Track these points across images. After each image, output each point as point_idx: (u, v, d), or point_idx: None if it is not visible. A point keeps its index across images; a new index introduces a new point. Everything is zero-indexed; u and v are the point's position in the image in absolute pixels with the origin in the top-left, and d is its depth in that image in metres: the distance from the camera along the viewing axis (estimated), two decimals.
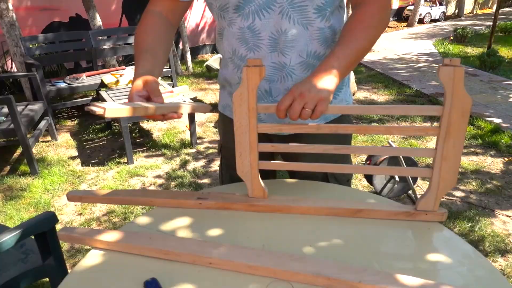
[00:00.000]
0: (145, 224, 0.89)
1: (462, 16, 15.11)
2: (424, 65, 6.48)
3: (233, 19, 0.93)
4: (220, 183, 1.28)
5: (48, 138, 3.62)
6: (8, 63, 5.25)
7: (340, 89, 1.06)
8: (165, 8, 1.00)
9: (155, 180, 2.83)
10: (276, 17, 0.89)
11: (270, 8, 0.89)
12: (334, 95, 1.05)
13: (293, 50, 0.92)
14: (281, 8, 0.88)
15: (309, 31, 0.91)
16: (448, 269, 0.73)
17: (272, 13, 0.89)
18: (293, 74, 0.95)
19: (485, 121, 3.72)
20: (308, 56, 0.93)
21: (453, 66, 0.73)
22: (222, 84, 1.11)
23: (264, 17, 0.90)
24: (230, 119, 1.10)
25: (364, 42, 0.86)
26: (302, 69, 0.95)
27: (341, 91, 1.07)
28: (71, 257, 1.99)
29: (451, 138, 0.78)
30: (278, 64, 0.94)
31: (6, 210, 2.44)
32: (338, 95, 1.05)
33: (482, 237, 2.07)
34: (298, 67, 0.94)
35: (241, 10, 0.91)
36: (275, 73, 0.96)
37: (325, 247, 0.79)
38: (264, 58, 0.94)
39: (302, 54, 0.93)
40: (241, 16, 0.91)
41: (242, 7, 0.90)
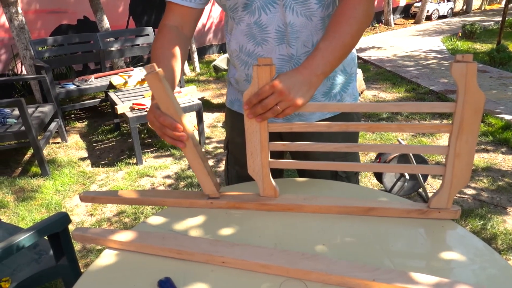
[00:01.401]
0: (158, 224, 0.90)
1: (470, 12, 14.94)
2: (432, 62, 6.43)
3: (241, 17, 0.97)
4: (225, 179, 1.29)
5: (58, 139, 3.66)
6: (18, 66, 5.31)
7: (349, 84, 1.09)
8: (178, 21, 1.01)
9: (164, 181, 2.84)
10: (281, 10, 0.92)
11: (275, 2, 0.92)
12: (344, 88, 1.08)
13: (298, 41, 0.95)
14: (284, 2, 0.91)
15: (312, 21, 0.94)
16: (462, 267, 0.72)
17: (277, 7, 0.92)
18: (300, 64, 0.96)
19: (495, 118, 3.68)
20: (314, 46, 0.96)
21: (465, 62, 0.72)
22: (229, 80, 1.13)
23: (270, 11, 0.93)
24: (237, 114, 1.12)
25: (347, 38, 0.85)
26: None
27: (349, 86, 1.09)
28: (83, 258, 2.01)
29: (464, 134, 0.77)
30: (286, 55, 0.97)
31: (18, 211, 2.47)
32: (347, 89, 1.08)
33: (494, 235, 2.05)
34: (304, 57, 0.97)
35: (249, 8, 0.94)
36: (284, 65, 0.99)
37: (337, 246, 0.79)
38: (272, 51, 0.97)
39: (307, 45, 0.96)
40: (249, 13, 0.95)
41: (250, 4, 0.94)
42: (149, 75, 0.80)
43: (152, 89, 0.81)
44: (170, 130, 0.83)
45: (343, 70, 1.06)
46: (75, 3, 5.78)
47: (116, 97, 3.39)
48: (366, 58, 6.95)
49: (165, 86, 0.81)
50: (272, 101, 0.77)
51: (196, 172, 0.91)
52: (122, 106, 3.05)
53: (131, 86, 3.89)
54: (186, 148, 0.87)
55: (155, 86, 0.81)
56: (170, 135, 0.84)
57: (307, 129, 0.87)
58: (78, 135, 3.82)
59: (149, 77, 0.80)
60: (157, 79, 0.80)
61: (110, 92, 3.61)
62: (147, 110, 2.97)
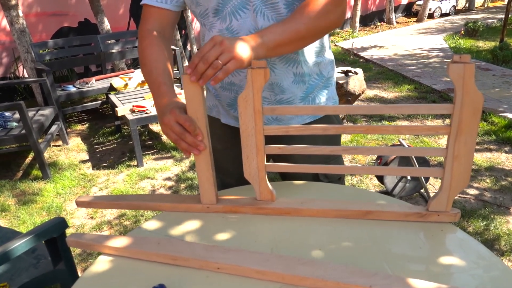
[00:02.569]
0: (153, 229, 0.89)
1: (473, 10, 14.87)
2: (435, 61, 6.39)
3: (212, 23, 0.96)
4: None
5: (59, 142, 3.66)
6: (20, 69, 5.33)
7: (327, 87, 1.08)
8: (159, 25, 1.01)
9: (165, 183, 2.83)
10: (251, 15, 0.91)
11: (245, 7, 0.91)
12: (321, 92, 1.07)
13: None
14: (254, 7, 0.90)
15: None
16: (462, 272, 0.71)
17: (247, 12, 0.91)
18: (274, 68, 0.97)
19: (498, 117, 3.65)
20: None
21: (463, 63, 0.71)
22: (207, 87, 1.12)
23: (240, 17, 0.92)
24: (215, 119, 1.13)
25: (301, 26, 0.84)
26: (283, 63, 0.97)
27: (328, 89, 1.09)
28: (83, 261, 2.00)
29: (462, 136, 0.76)
30: None
31: (19, 215, 2.47)
32: (325, 93, 1.08)
33: (497, 236, 2.03)
34: (278, 61, 0.97)
35: (220, 14, 0.94)
36: None
37: (334, 250, 0.78)
38: None
39: None
40: (220, 19, 0.95)
41: (220, 10, 0.93)
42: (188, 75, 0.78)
43: (186, 90, 0.80)
44: (190, 135, 0.82)
45: (319, 74, 1.05)
46: (76, 6, 5.80)
47: (117, 99, 3.39)
48: (367, 57, 6.92)
49: (201, 90, 0.80)
50: (213, 52, 0.74)
51: (201, 179, 0.90)
52: (122, 108, 3.05)
53: (132, 88, 3.89)
54: (201, 156, 0.86)
55: (191, 87, 0.79)
56: (189, 141, 0.82)
57: (303, 132, 0.86)
58: (79, 138, 3.83)
59: (187, 77, 0.78)
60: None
61: (110, 94, 3.61)
62: (147, 112, 2.98)
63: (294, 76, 1.00)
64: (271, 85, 1.00)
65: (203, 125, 0.84)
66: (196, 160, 0.88)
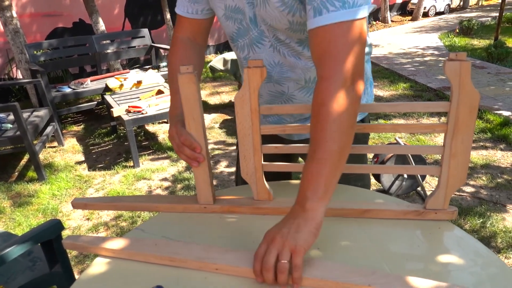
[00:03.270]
0: (150, 230, 0.88)
1: (468, 8, 14.93)
2: (430, 59, 6.41)
3: (233, 47, 0.99)
4: (235, 179, 1.27)
5: (55, 143, 3.64)
6: (14, 70, 5.29)
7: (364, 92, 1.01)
8: (190, 31, 1.01)
9: (162, 183, 2.82)
10: (268, 50, 0.91)
11: (260, 43, 0.91)
12: None
13: (289, 80, 0.94)
14: (270, 43, 0.90)
15: (302, 60, 0.90)
16: (460, 270, 0.71)
17: (263, 48, 0.91)
18: (293, 98, 0.96)
19: (494, 114, 3.67)
20: (307, 82, 0.94)
21: (459, 60, 0.71)
22: None
23: (256, 50, 0.92)
24: None
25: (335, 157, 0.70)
26: (303, 94, 0.96)
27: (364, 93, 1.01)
28: (80, 263, 1.99)
29: (459, 134, 0.76)
30: (276, 92, 0.97)
31: (15, 217, 2.45)
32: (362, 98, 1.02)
33: (494, 233, 2.03)
34: (298, 92, 0.95)
35: (235, 42, 0.96)
36: (275, 99, 0.98)
37: (332, 249, 0.78)
38: (262, 87, 0.96)
39: (300, 82, 0.94)
40: (237, 47, 0.96)
41: (235, 39, 0.95)
42: (184, 75, 0.78)
43: (182, 90, 0.80)
44: (188, 149, 0.85)
45: None
46: (70, 6, 5.76)
47: (112, 100, 3.37)
48: None
49: (197, 90, 0.80)
50: (269, 256, 0.66)
51: (198, 180, 0.90)
52: (118, 109, 3.03)
53: (127, 89, 3.87)
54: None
55: (187, 87, 0.79)
56: (188, 154, 0.85)
57: (300, 131, 0.85)
58: (74, 139, 3.81)
59: (184, 77, 0.78)
60: (192, 81, 0.78)
61: (106, 95, 3.60)
62: (143, 113, 2.97)
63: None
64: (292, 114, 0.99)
65: (199, 125, 0.83)
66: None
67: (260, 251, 0.68)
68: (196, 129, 0.84)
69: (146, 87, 3.79)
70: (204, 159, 0.86)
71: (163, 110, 3.07)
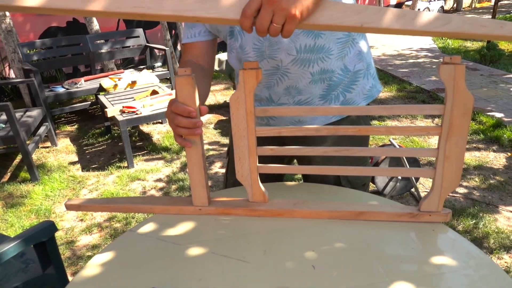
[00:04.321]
0: (145, 231, 0.88)
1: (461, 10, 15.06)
2: (423, 61, 6.46)
3: (231, 44, 1.01)
4: (224, 187, 1.27)
5: (48, 144, 3.61)
6: (6, 70, 5.24)
7: (354, 82, 1.00)
8: (192, 55, 1.04)
9: (156, 184, 2.81)
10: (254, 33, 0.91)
11: None
12: (347, 89, 1.00)
13: (280, 51, 0.93)
14: None
15: None
16: (454, 272, 0.71)
17: None
18: (288, 73, 0.96)
19: (486, 116, 3.70)
20: (299, 52, 0.93)
21: (453, 64, 0.71)
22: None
23: (244, 34, 0.95)
24: None
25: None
26: (297, 66, 0.95)
27: (356, 84, 1.00)
28: (73, 264, 1.98)
29: (453, 137, 0.76)
30: (271, 69, 0.96)
31: (7, 218, 2.43)
32: (353, 88, 1.01)
33: (486, 234, 2.05)
34: (291, 65, 0.95)
35: (233, 34, 0.99)
36: (272, 78, 0.98)
37: (327, 251, 0.78)
38: None
39: (291, 52, 0.93)
40: (233, 38, 0.99)
41: (232, 31, 0.98)
42: (182, 77, 0.77)
43: (179, 91, 0.78)
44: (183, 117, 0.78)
45: (344, 69, 0.98)
46: None
47: (106, 100, 3.35)
48: None
49: (195, 93, 0.79)
50: (264, 15, 0.61)
51: (193, 181, 0.89)
52: (112, 109, 3.02)
53: (122, 89, 3.85)
54: (193, 158, 0.86)
55: (185, 90, 0.78)
56: (185, 123, 0.78)
57: (296, 133, 0.86)
58: (68, 139, 3.78)
59: (181, 79, 0.77)
60: (189, 83, 0.78)
61: (100, 95, 3.57)
62: (138, 113, 2.95)
63: (311, 76, 0.96)
64: (287, 89, 0.99)
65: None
66: (188, 162, 0.88)
67: (252, 6, 0.61)
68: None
69: (141, 87, 3.78)
70: (202, 123, 0.81)
71: (157, 110, 3.06)
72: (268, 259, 0.77)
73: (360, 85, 1.02)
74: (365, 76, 1.02)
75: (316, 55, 0.94)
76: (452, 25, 0.64)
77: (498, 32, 0.64)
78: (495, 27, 0.64)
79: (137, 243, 0.84)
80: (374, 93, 1.05)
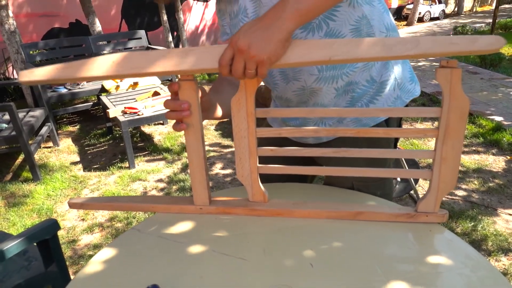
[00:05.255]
0: (146, 230, 0.90)
1: (462, 14, 15.09)
2: (424, 64, 6.48)
3: None
4: None
5: (50, 144, 3.63)
6: (9, 70, 5.27)
7: (379, 93, 0.96)
8: None
9: (157, 184, 2.83)
10: None
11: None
12: (372, 99, 0.96)
13: (302, 72, 0.93)
14: None
15: None
16: (450, 271, 0.73)
17: None
18: (314, 91, 0.95)
19: (486, 119, 3.71)
20: (320, 70, 0.92)
21: (450, 67, 0.73)
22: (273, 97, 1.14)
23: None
24: None
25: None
26: (322, 84, 0.94)
27: (381, 95, 0.96)
28: (74, 264, 1.99)
29: (450, 139, 0.78)
30: (298, 89, 0.96)
31: (9, 217, 2.45)
32: (377, 99, 0.96)
33: (485, 237, 2.06)
34: (316, 84, 0.94)
35: None
36: (301, 98, 0.98)
37: (325, 251, 0.79)
38: (286, 90, 0.98)
39: (313, 72, 0.92)
40: None
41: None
42: (185, 82, 0.79)
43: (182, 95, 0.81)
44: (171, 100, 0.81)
45: (370, 80, 0.94)
46: (67, 7, 5.76)
47: (108, 101, 3.37)
48: None
49: (197, 97, 0.81)
50: (237, 64, 0.68)
51: (194, 181, 0.91)
52: (114, 110, 3.04)
53: (123, 90, 3.87)
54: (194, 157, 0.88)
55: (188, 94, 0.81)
56: (171, 105, 0.81)
57: (296, 134, 0.87)
58: (70, 139, 3.80)
59: (184, 84, 0.80)
60: (192, 88, 0.80)
61: (102, 96, 3.60)
62: (139, 114, 2.97)
63: (336, 91, 0.94)
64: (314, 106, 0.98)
65: (198, 130, 0.85)
66: (189, 162, 0.89)
67: (225, 56, 0.69)
68: (194, 133, 0.85)
69: (142, 88, 3.80)
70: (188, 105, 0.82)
71: (159, 111, 3.08)
72: (267, 258, 0.78)
73: (385, 96, 0.96)
74: (391, 87, 0.97)
75: (340, 71, 0.92)
76: (422, 47, 0.68)
77: (471, 48, 0.67)
78: (467, 43, 0.67)
79: (139, 241, 0.86)
80: (398, 104, 0.98)
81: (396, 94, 0.97)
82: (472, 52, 0.67)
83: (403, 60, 0.98)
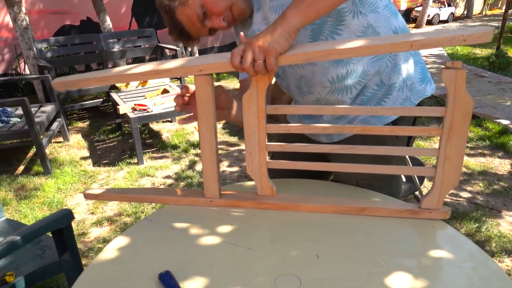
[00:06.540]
0: (158, 220, 0.93)
1: (471, 17, 14.99)
2: (432, 67, 6.46)
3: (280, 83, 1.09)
4: None
5: (60, 139, 3.69)
6: (21, 66, 5.36)
7: (387, 95, 0.98)
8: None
9: (165, 181, 2.87)
10: (289, 68, 1.00)
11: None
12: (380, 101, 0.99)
13: (315, 86, 0.98)
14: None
15: (316, 64, 0.95)
16: (451, 265, 0.75)
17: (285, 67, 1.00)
18: (329, 102, 1.01)
19: (493, 123, 3.71)
20: (332, 83, 0.96)
21: (455, 68, 0.76)
22: None
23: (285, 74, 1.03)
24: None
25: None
26: (335, 95, 0.98)
27: (389, 97, 0.98)
28: (83, 256, 2.04)
29: (453, 138, 0.80)
30: (313, 102, 1.02)
31: (21, 209, 2.50)
32: (385, 101, 0.99)
33: (488, 238, 2.08)
34: (329, 95, 0.99)
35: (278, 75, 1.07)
36: None
37: (331, 243, 0.82)
38: (304, 103, 1.06)
39: (325, 85, 0.97)
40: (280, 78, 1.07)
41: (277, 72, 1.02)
42: (200, 77, 0.84)
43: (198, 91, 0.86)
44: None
45: (379, 84, 0.97)
46: (79, 4, 5.83)
47: (118, 98, 3.42)
48: None
49: (212, 92, 0.86)
50: (247, 55, 0.76)
51: (206, 174, 0.95)
52: (124, 107, 3.09)
53: (133, 87, 3.93)
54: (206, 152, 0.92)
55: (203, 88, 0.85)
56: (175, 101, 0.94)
57: (304, 130, 0.91)
58: (80, 135, 3.86)
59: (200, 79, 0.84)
60: (208, 83, 0.85)
61: (112, 93, 3.65)
62: (149, 111, 3.02)
63: (350, 100, 1.00)
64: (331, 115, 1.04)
65: (211, 124, 0.88)
66: (202, 154, 0.93)
67: (238, 49, 0.78)
68: (208, 127, 0.89)
69: (152, 86, 3.85)
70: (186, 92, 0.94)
71: (168, 109, 3.13)
72: (274, 248, 0.82)
73: (393, 98, 0.99)
74: (400, 89, 0.98)
75: (353, 80, 0.96)
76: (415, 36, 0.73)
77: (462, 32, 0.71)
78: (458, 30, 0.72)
79: (152, 230, 0.90)
80: (407, 105, 1.00)
81: (405, 95, 0.99)
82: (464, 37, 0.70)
83: (415, 61, 1.00)
